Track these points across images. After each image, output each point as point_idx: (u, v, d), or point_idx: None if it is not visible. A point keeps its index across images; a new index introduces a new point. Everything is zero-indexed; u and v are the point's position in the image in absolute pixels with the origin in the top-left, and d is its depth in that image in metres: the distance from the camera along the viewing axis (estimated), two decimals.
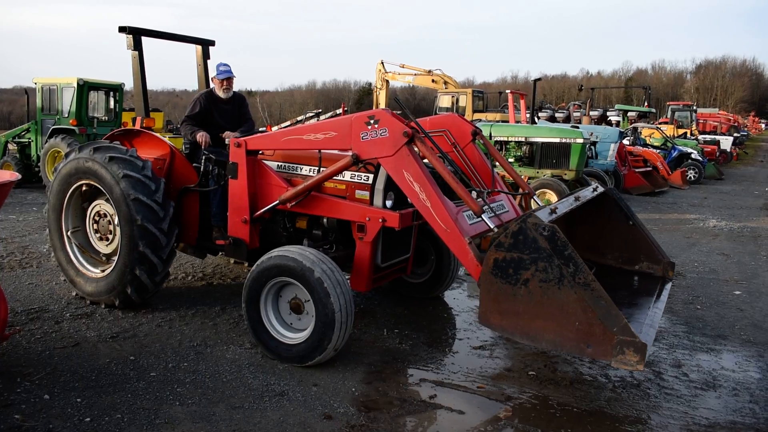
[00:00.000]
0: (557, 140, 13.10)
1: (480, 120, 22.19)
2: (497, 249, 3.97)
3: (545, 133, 13.33)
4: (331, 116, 27.40)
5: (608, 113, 31.55)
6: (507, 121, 19.40)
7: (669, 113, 35.85)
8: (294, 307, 4.91)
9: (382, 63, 29.29)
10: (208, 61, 7.34)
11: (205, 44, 7.29)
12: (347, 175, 5.27)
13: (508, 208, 5.59)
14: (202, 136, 6.06)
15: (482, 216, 4.57)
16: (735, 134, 37.12)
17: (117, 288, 5.75)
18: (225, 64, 6.47)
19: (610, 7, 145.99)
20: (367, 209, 5.09)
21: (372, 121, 4.75)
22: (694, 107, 39.89)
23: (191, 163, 6.20)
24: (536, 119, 19.41)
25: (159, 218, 5.62)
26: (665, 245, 10.40)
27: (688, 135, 28.36)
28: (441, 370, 4.97)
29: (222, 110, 6.49)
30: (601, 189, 5.53)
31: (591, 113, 28.22)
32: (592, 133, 15.15)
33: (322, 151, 5.44)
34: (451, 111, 27.93)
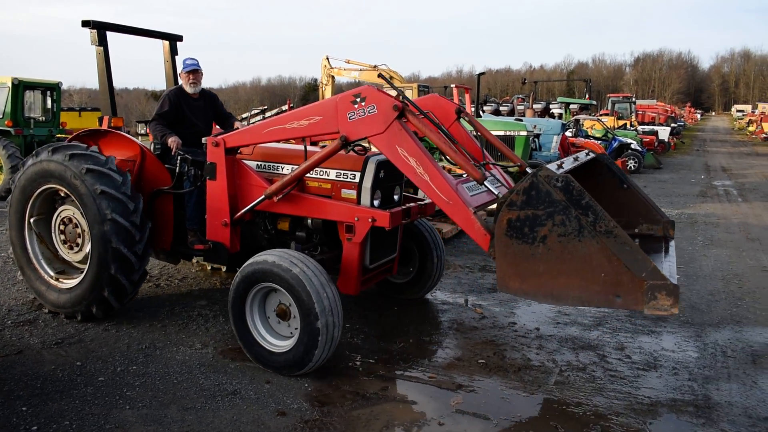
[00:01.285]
0: (502, 133, 13.33)
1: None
2: (509, 209, 3.79)
3: (490, 126, 13.50)
4: (277, 113, 27.18)
5: (551, 106, 32.22)
6: None
7: (609, 105, 36.67)
8: (280, 314, 4.72)
9: (328, 59, 29.18)
10: (176, 57, 7.09)
11: (173, 39, 7.03)
12: (332, 174, 5.13)
13: (502, 181, 5.43)
14: (173, 141, 5.71)
15: (485, 183, 4.41)
16: (672, 125, 38.20)
17: (92, 295, 5.43)
18: (192, 58, 6.19)
19: (547, 3, 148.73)
20: (356, 209, 4.92)
21: (358, 99, 4.50)
22: (634, 99, 40.96)
23: (163, 164, 5.88)
24: (481, 113, 19.68)
25: (129, 211, 5.32)
26: None
27: (628, 126, 29.08)
28: (392, 362, 5.03)
29: (193, 107, 6.18)
30: (592, 154, 5.36)
31: (534, 106, 28.76)
32: (535, 126, 15.46)
33: (299, 148, 5.23)
34: None
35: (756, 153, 33.20)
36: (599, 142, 20.87)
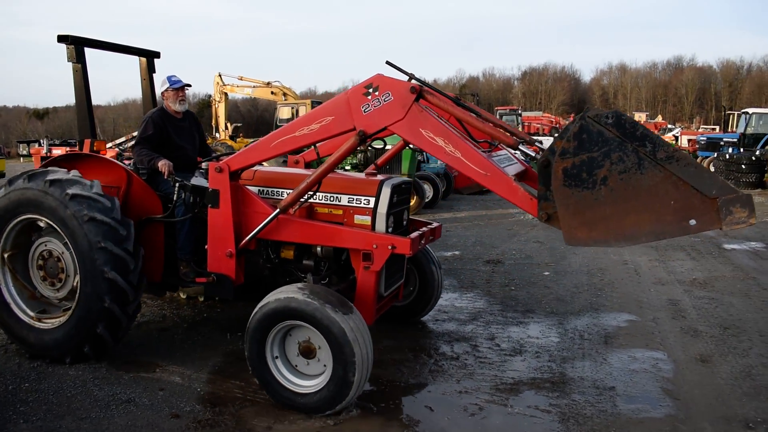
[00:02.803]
0: (390, 147, 13.86)
1: None
2: (563, 158, 3.59)
3: (379, 140, 14.04)
4: None
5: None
6: None
7: (497, 117, 38.42)
8: (305, 352, 4.47)
9: (220, 75, 29.21)
10: (154, 74, 6.71)
11: (151, 56, 6.66)
12: (344, 200, 4.91)
13: (513, 159, 5.25)
14: (164, 165, 5.38)
15: (520, 147, 4.36)
16: (556, 135, 40.37)
17: (83, 333, 5.01)
18: (174, 75, 5.84)
19: (444, 18, 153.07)
20: (374, 236, 4.68)
21: (371, 90, 4.28)
22: (520, 111, 43.05)
23: (154, 190, 5.52)
24: None
25: (121, 237, 4.94)
26: (490, 238, 11.49)
27: None
28: None
29: (178, 128, 5.83)
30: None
31: None
32: None
33: (303, 172, 5.13)
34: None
35: None
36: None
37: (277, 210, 4.70)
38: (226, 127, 29.42)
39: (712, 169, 24.02)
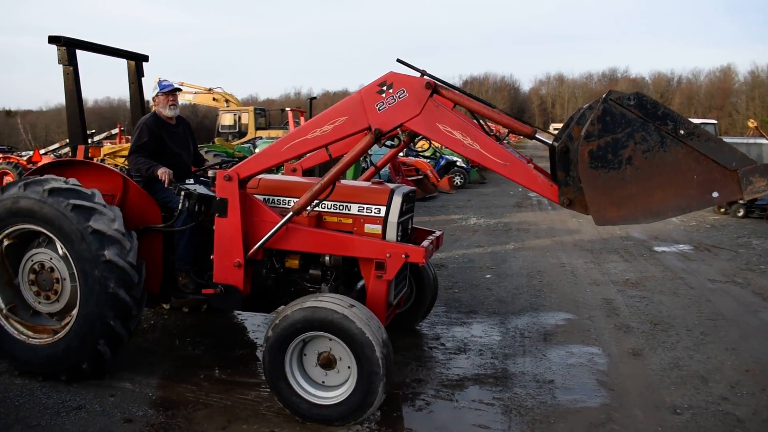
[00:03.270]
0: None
1: (262, 138, 22.76)
2: (588, 141, 3.70)
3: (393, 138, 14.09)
4: (106, 137, 26.27)
5: None
6: None
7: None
8: (325, 363, 4.40)
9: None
10: (143, 78, 6.50)
11: (140, 59, 6.42)
12: (354, 208, 4.87)
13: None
14: (164, 173, 5.22)
15: (537, 136, 4.40)
16: (499, 141, 41.21)
17: (82, 349, 4.79)
18: (165, 80, 5.71)
19: (385, 27, 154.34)
20: (387, 244, 4.66)
21: (385, 87, 4.28)
22: None
23: (152, 197, 5.35)
24: None
25: (126, 250, 4.75)
26: None
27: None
28: (232, 369, 5.41)
29: (173, 134, 5.66)
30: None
31: None
32: None
33: (308, 180, 5.11)
34: (234, 129, 28.25)
35: None
36: (428, 160, 22.27)
37: (290, 213, 4.62)
38: None
39: None
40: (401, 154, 21.21)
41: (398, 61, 4.67)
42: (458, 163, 23.91)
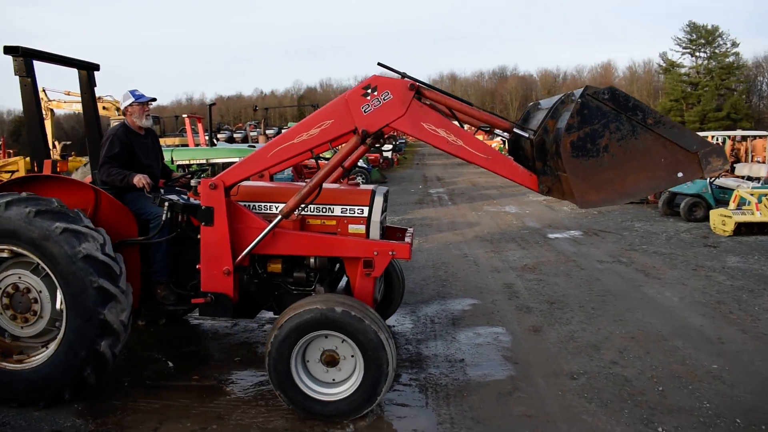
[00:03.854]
0: (236, 159, 14.08)
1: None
2: (569, 132, 4.01)
3: (224, 154, 14.18)
4: None
5: (283, 131, 33.63)
6: (187, 145, 19.96)
7: None
8: (329, 361, 4.53)
9: (44, 91, 27.57)
10: (95, 88, 6.24)
11: (90, 68, 6.14)
12: (337, 210, 5.00)
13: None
14: (140, 180, 5.12)
15: (514, 130, 4.60)
16: (394, 142, 42.04)
17: (66, 377, 4.60)
18: (137, 90, 5.58)
19: (278, 28, 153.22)
20: (375, 243, 4.81)
21: (370, 90, 4.45)
22: None
23: (128, 209, 5.20)
24: (215, 141, 20.20)
25: (116, 275, 4.60)
26: None
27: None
28: (159, 372, 5.51)
29: (143, 145, 5.54)
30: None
31: (267, 132, 29.90)
32: None
33: (287, 186, 5.17)
34: None
35: (466, 162, 37.96)
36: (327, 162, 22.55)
37: (279, 217, 4.71)
38: (54, 146, 27.81)
39: None
40: None
41: (379, 64, 4.78)
42: (359, 164, 24.32)
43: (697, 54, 65.86)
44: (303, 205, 4.79)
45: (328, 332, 4.40)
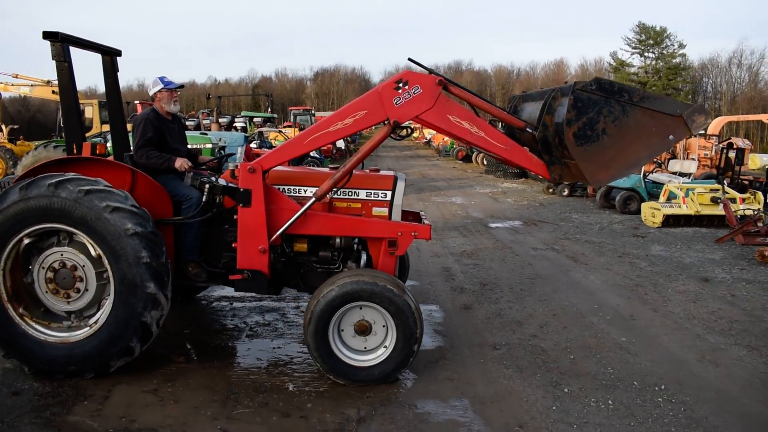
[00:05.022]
0: (189, 147, 14.28)
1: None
2: (569, 125, 4.55)
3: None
4: None
5: (236, 119, 33.65)
6: None
7: (291, 117, 39.48)
8: (361, 330, 4.91)
9: None
10: (118, 73, 6.28)
11: (114, 54, 6.18)
12: (362, 194, 5.37)
13: None
14: (183, 163, 5.36)
15: (526, 129, 5.02)
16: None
17: (115, 347, 4.85)
18: (165, 77, 5.76)
19: (234, 15, 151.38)
20: (398, 224, 5.22)
21: (401, 84, 4.81)
22: (313, 111, 44.41)
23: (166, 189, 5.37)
24: None
25: (161, 251, 4.88)
26: None
27: None
28: None
29: (170, 129, 5.73)
30: None
31: (220, 120, 29.83)
32: (220, 139, 16.66)
33: (314, 170, 5.51)
34: None
35: (417, 155, 38.70)
36: None
37: (313, 199, 5.05)
38: (1, 130, 27.34)
39: (484, 162, 27.07)
40: (255, 145, 21.66)
41: (409, 59, 5.24)
42: (312, 154, 24.64)
43: (646, 54, 68.10)
44: (335, 189, 5.18)
45: (363, 303, 4.83)
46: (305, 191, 5.33)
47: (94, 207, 4.71)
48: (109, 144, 8.89)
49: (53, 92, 27.94)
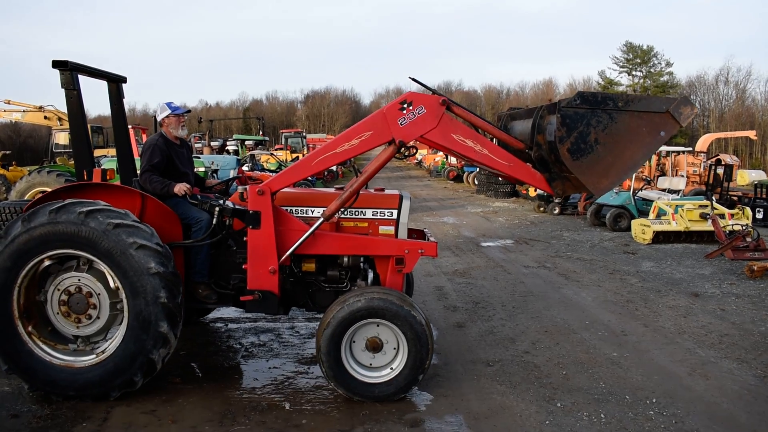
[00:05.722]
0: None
1: (105, 156, 22.37)
2: (562, 143, 4.67)
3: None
4: None
5: (228, 143, 33.77)
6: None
7: (283, 140, 39.65)
8: (372, 347, 4.95)
9: None
10: (124, 100, 6.37)
11: (120, 81, 6.29)
12: (368, 213, 5.44)
13: None
14: (181, 188, 5.35)
15: (527, 151, 5.17)
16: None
17: (118, 379, 4.91)
18: (172, 102, 5.83)
19: (223, 40, 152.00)
20: (405, 242, 5.30)
21: (406, 105, 4.90)
22: (305, 134, 44.61)
23: (177, 214, 5.42)
24: None
25: (177, 292, 4.94)
26: None
27: (301, 158, 31.96)
28: None
29: (179, 154, 5.80)
30: None
31: (212, 143, 29.96)
32: (213, 162, 16.78)
33: (321, 190, 5.58)
34: (70, 148, 27.18)
35: (409, 176, 38.93)
36: (272, 174, 22.91)
37: (321, 219, 5.10)
38: None
39: (475, 182, 27.24)
40: (247, 168, 21.75)
41: (411, 78, 5.36)
42: None
43: (634, 73, 68.73)
44: (342, 209, 5.23)
45: (376, 320, 4.88)
46: (312, 212, 5.40)
47: (121, 242, 4.79)
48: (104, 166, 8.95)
49: (45, 117, 28.08)
